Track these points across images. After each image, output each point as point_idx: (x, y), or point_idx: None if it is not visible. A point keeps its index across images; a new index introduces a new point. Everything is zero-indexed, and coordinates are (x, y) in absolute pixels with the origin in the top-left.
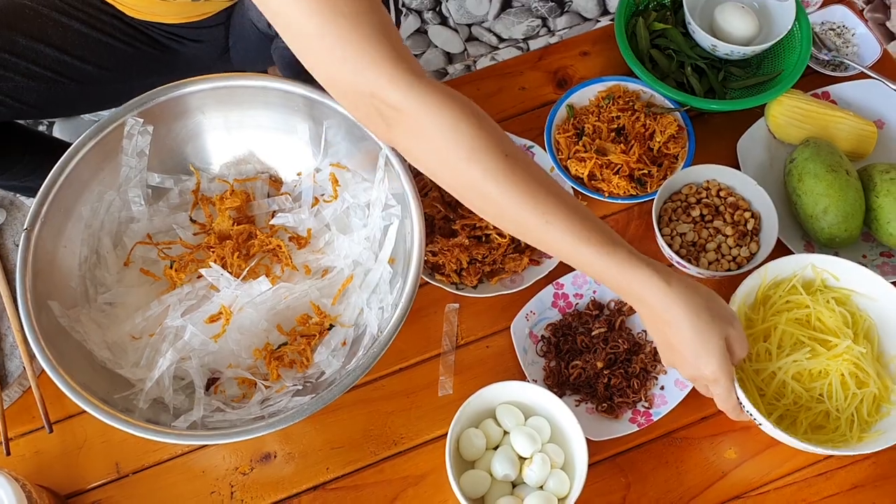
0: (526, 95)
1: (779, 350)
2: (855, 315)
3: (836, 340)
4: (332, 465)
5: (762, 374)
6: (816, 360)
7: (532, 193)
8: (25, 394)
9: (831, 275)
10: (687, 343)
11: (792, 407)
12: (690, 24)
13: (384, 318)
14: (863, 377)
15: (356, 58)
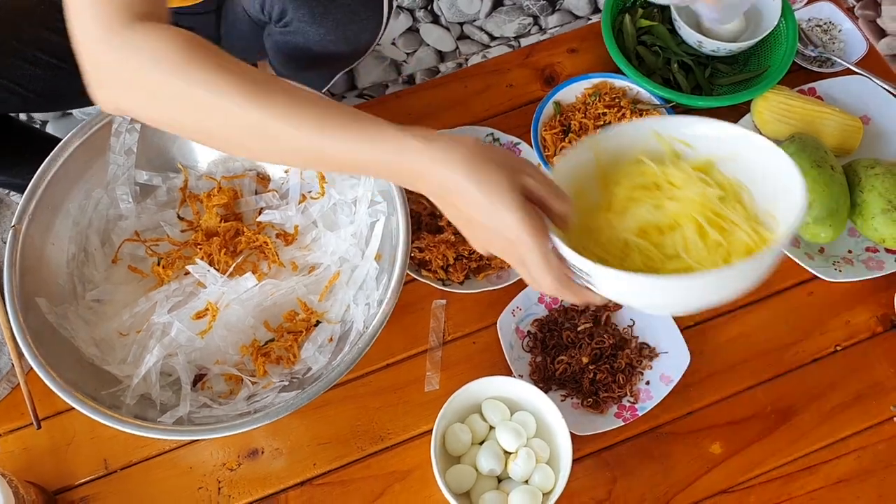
0: (513, 93)
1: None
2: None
3: (684, 184)
4: (319, 460)
5: (600, 238)
6: (662, 212)
7: (289, 104)
8: (14, 390)
9: (683, 143)
10: (477, 205)
11: (644, 270)
12: (676, 20)
13: (370, 314)
14: (726, 225)
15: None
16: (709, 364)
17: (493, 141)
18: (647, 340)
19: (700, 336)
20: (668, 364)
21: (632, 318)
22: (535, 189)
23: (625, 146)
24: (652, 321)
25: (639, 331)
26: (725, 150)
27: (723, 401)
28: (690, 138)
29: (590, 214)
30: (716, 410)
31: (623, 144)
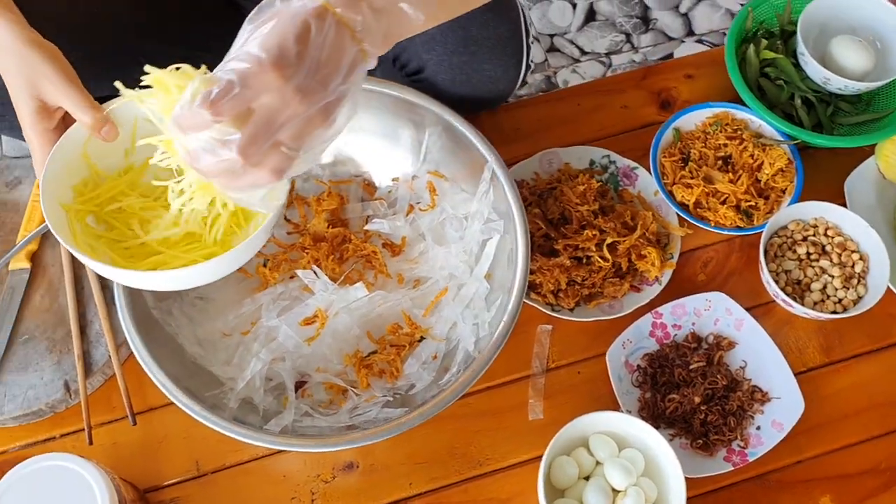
0: (628, 114)
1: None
2: None
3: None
4: (416, 480)
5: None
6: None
7: None
8: (106, 383)
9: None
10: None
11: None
12: (804, 54)
13: (481, 336)
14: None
15: None
16: (819, 412)
17: (609, 163)
18: (759, 384)
19: (811, 383)
20: (781, 410)
21: (744, 359)
22: (54, 100)
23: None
24: (765, 363)
25: (751, 373)
26: None
27: (834, 452)
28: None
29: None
30: (826, 461)
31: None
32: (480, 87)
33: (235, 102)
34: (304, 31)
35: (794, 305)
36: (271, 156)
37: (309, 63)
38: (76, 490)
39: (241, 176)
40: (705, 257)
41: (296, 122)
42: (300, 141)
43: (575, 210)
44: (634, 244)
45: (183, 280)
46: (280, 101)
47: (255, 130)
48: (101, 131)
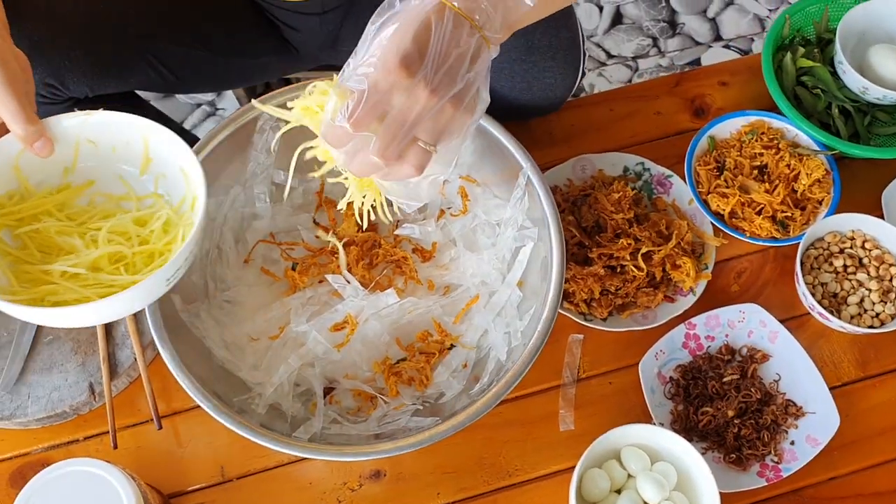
0: (661, 121)
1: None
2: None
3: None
4: (444, 490)
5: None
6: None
7: None
8: (131, 385)
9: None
10: None
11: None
12: (842, 63)
13: (512, 346)
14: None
15: None
16: (855, 428)
17: (643, 171)
18: (793, 398)
19: (846, 397)
20: (815, 425)
21: (778, 372)
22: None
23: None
24: (799, 377)
25: (785, 386)
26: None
27: (869, 469)
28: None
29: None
30: (861, 478)
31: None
32: (539, 94)
33: (369, 111)
34: (425, 28)
35: (830, 319)
36: (410, 152)
37: (432, 58)
38: (103, 496)
39: (388, 173)
40: (739, 268)
41: (429, 117)
42: (435, 134)
43: (610, 218)
44: (669, 254)
45: (61, 319)
46: (410, 98)
47: (388, 131)
48: (34, 145)
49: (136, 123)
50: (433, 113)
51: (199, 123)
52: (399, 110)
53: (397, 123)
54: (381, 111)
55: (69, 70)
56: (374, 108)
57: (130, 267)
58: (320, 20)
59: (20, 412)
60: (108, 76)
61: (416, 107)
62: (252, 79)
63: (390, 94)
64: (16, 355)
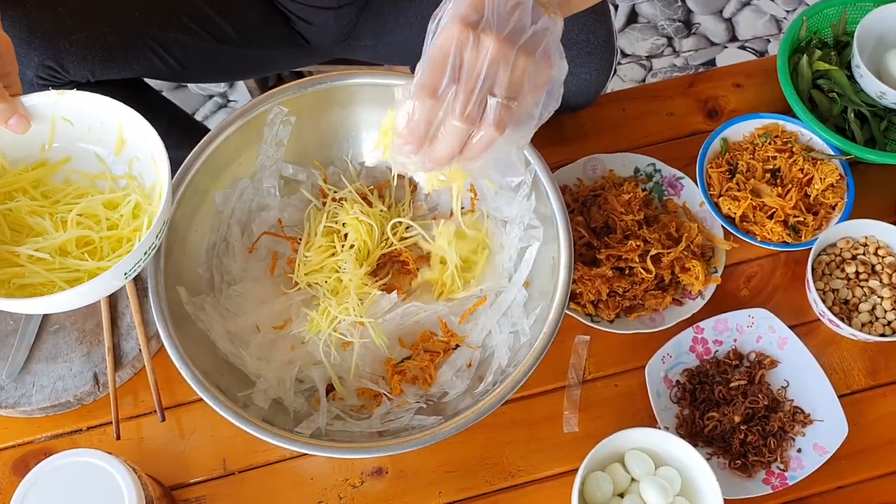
0: (674, 122)
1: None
2: None
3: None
4: (445, 489)
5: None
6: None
7: None
8: (136, 376)
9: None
10: None
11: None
12: (859, 67)
13: (517, 345)
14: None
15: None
16: (863, 437)
17: (654, 172)
18: (801, 405)
19: (855, 406)
20: (823, 433)
21: (786, 378)
22: None
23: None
24: (808, 384)
25: (793, 393)
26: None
27: (877, 479)
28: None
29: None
30: (869, 488)
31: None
32: (573, 89)
33: (438, 72)
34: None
35: (841, 326)
36: (489, 111)
37: (493, 11)
38: (103, 487)
39: (472, 144)
40: (749, 272)
41: (502, 67)
42: (512, 87)
43: (619, 219)
44: (678, 256)
45: (22, 307)
46: (479, 50)
47: (465, 87)
48: (9, 122)
49: (110, 105)
50: (507, 63)
51: (211, 115)
52: (470, 64)
53: (472, 78)
54: (451, 71)
55: (69, 53)
56: (441, 68)
57: (97, 252)
58: (335, 15)
59: (24, 401)
60: (110, 61)
61: (487, 56)
62: (262, 70)
63: (459, 52)
64: (21, 344)
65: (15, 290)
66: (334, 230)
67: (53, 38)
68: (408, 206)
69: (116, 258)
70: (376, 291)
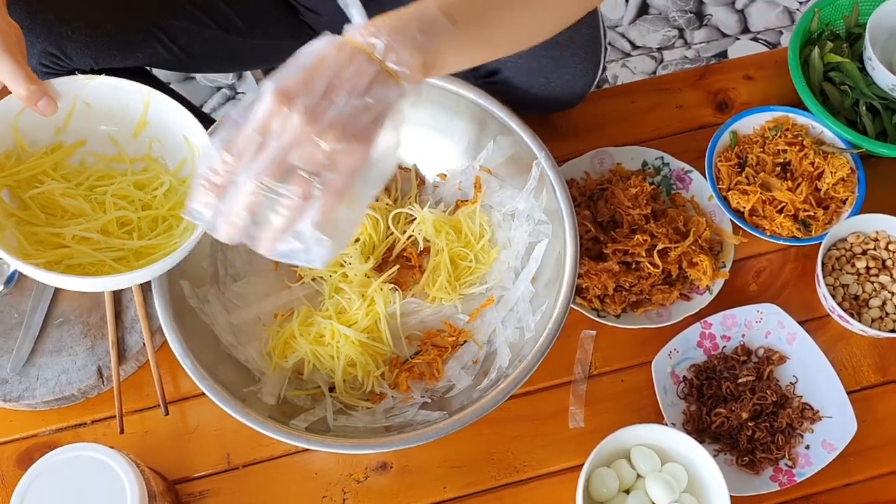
0: (683, 115)
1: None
2: None
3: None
4: (450, 484)
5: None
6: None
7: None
8: (140, 370)
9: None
10: None
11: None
12: (870, 59)
13: (522, 340)
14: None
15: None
16: (872, 434)
17: (663, 165)
18: (810, 401)
19: (864, 402)
20: (832, 430)
21: (795, 374)
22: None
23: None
24: (816, 380)
25: (802, 389)
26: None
27: (886, 476)
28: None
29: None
30: (878, 485)
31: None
32: (557, 89)
33: (248, 140)
34: (317, 60)
35: (851, 322)
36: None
37: (317, 86)
38: (105, 481)
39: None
40: (758, 267)
41: (307, 145)
42: (314, 164)
43: (626, 213)
44: (686, 251)
45: (80, 285)
46: (286, 124)
47: (267, 156)
48: (38, 104)
49: (140, 89)
50: (311, 142)
51: (219, 107)
52: (276, 137)
53: (274, 148)
54: (257, 142)
55: (70, 40)
56: (251, 139)
57: (136, 231)
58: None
59: (29, 394)
60: (113, 48)
61: (291, 132)
62: (268, 61)
63: (268, 123)
64: (25, 337)
65: (65, 269)
66: None
67: (55, 25)
68: (414, 199)
69: (156, 236)
70: (386, 286)
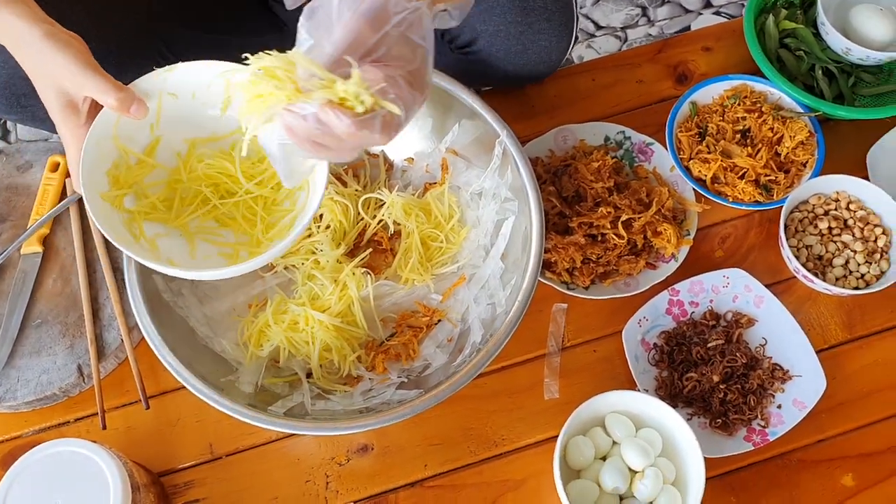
0: (644, 89)
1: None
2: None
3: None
4: (431, 461)
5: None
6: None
7: None
8: (120, 366)
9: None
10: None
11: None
12: (824, 24)
13: (494, 315)
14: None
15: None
16: (842, 390)
17: (624, 139)
18: (779, 362)
19: (833, 360)
20: (802, 388)
21: (764, 336)
22: (77, 89)
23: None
24: (785, 341)
25: (771, 350)
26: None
27: (856, 430)
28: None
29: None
30: (848, 440)
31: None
32: (534, 57)
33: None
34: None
35: (815, 281)
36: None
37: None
38: (88, 475)
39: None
40: (723, 233)
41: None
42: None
43: (590, 187)
44: (650, 221)
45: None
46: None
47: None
48: (131, 110)
49: (217, 67)
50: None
51: None
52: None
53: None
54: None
55: None
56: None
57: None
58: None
59: (10, 396)
60: (122, 68)
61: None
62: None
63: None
64: (4, 339)
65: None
66: None
67: None
68: (383, 184)
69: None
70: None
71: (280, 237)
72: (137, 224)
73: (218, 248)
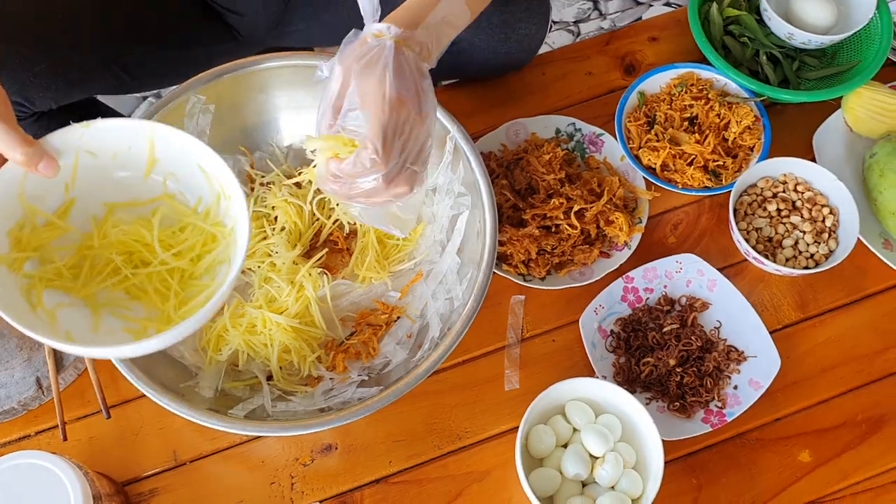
0: (593, 81)
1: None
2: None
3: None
4: (395, 458)
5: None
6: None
7: None
8: (80, 377)
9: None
10: None
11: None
12: (766, 10)
13: (452, 309)
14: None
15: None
16: (796, 369)
17: (575, 131)
18: (734, 343)
19: (787, 340)
20: (757, 369)
21: (718, 319)
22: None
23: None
24: (740, 323)
25: (726, 333)
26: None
27: (812, 407)
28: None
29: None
30: (804, 417)
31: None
32: (515, 45)
33: (391, 147)
34: (399, 68)
35: (766, 263)
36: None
37: (412, 92)
38: (48, 487)
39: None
40: (675, 219)
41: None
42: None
43: (541, 179)
44: (602, 210)
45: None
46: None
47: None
48: (39, 166)
49: (140, 127)
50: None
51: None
52: (408, 139)
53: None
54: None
55: (34, 85)
56: (393, 143)
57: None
58: (263, 2)
59: None
60: (73, 87)
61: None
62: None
63: (403, 127)
64: None
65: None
66: (263, 214)
67: (20, 73)
68: None
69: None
70: (314, 270)
71: (192, 314)
72: (36, 291)
73: (124, 323)
